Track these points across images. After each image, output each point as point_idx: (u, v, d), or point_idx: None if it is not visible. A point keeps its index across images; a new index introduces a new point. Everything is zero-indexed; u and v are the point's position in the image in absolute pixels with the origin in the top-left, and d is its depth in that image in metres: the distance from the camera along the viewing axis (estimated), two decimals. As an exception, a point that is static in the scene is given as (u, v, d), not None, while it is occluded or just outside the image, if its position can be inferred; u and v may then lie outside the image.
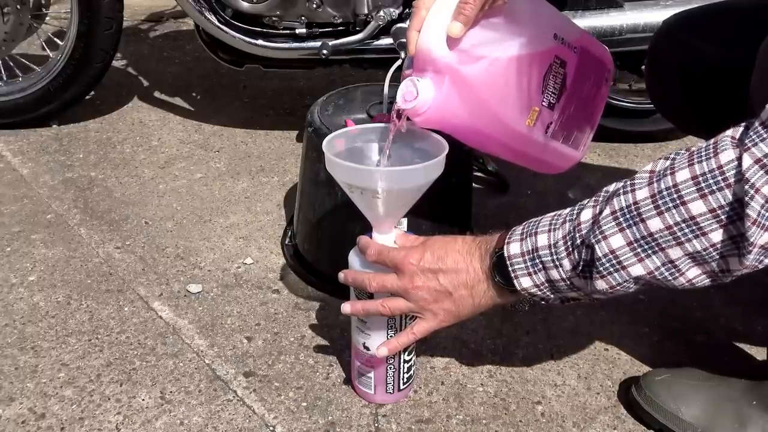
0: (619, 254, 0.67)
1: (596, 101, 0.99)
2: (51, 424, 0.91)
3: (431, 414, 0.94)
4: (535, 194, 1.49)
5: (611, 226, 0.67)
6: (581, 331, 1.10)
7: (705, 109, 1.03)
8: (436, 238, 0.84)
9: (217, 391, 0.97)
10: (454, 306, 0.81)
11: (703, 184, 0.62)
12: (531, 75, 0.85)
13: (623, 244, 0.67)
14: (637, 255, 0.67)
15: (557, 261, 0.73)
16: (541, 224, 0.75)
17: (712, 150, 0.64)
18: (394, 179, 0.81)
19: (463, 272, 0.80)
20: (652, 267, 0.67)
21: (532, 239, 0.75)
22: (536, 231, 0.75)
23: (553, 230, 0.74)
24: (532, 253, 0.75)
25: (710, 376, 0.92)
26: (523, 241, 0.75)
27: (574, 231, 0.71)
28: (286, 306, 1.14)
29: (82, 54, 1.61)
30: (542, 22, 0.89)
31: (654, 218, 0.64)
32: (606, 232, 0.67)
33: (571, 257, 0.72)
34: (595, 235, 0.68)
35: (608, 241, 0.67)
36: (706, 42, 1.00)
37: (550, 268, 0.74)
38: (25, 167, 1.55)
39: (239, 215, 1.39)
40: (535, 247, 0.74)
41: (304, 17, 1.51)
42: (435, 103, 0.81)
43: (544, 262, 0.74)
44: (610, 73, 1.00)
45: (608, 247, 0.67)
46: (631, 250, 0.67)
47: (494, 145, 0.92)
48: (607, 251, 0.68)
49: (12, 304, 1.13)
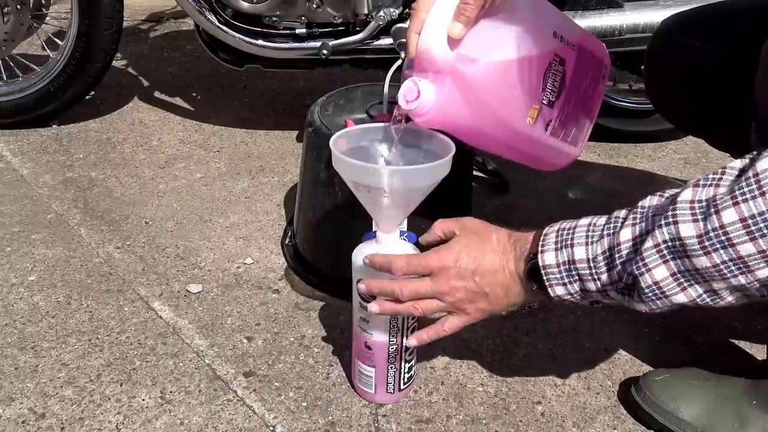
0: (662, 285, 0.67)
1: (594, 98, 0.99)
2: (51, 424, 0.91)
3: (431, 414, 0.94)
4: (535, 194, 1.49)
5: (655, 258, 0.67)
6: (581, 331, 1.10)
7: (703, 109, 1.03)
8: (469, 231, 0.83)
9: (217, 391, 0.97)
10: (489, 305, 0.81)
11: (753, 227, 0.61)
12: (531, 74, 0.85)
13: (667, 276, 0.67)
14: (680, 285, 0.67)
15: (595, 275, 0.73)
16: (576, 235, 0.74)
17: (756, 187, 0.61)
18: (401, 178, 0.81)
19: (499, 273, 0.79)
20: (694, 295, 0.67)
21: (568, 251, 0.74)
22: (572, 242, 0.74)
23: (590, 244, 0.73)
24: (569, 265, 0.74)
25: (710, 376, 0.92)
26: (558, 252, 0.75)
27: (613, 250, 0.71)
28: (286, 306, 1.14)
29: (82, 54, 1.61)
30: (542, 21, 0.89)
31: (700, 257, 0.64)
32: (649, 265, 0.67)
33: (610, 274, 0.71)
34: (638, 267, 0.68)
35: (652, 273, 0.67)
36: (705, 43, 1.00)
37: (587, 280, 0.73)
38: (25, 167, 1.56)
39: (239, 215, 1.39)
40: (572, 259, 0.74)
41: (304, 17, 1.51)
42: (436, 104, 0.81)
43: (581, 275, 0.74)
44: (607, 70, 1.01)
45: (652, 278, 0.67)
46: (674, 281, 0.67)
47: (495, 144, 0.92)
48: (651, 283, 0.67)
49: (12, 304, 1.13)
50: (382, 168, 0.85)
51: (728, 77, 0.96)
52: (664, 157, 1.68)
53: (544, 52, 0.87)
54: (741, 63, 0.88)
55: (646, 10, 1.47)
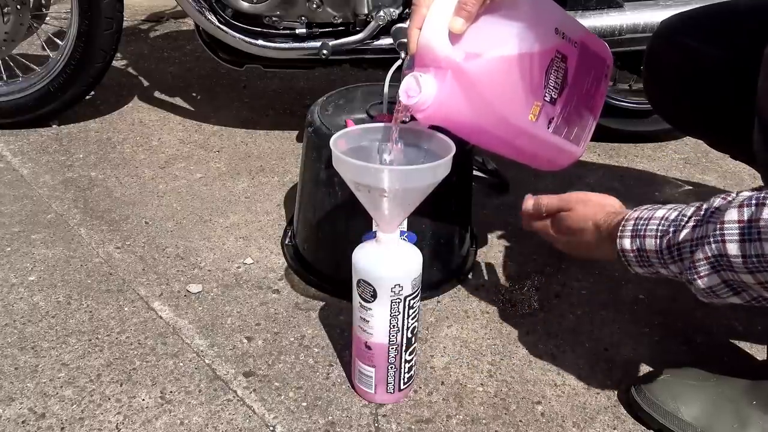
0: (716, 290, 0.73)
1: (596, 97, 0.99)
2: (51, 424, 0.91)
3: (431, 414, 0.94)
4: (535, 194, 1.48)
5: (706, 268, 0.72)
6: (581, 331, 1.10)
7: (702, 110, 1.03)
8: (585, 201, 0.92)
9: (217, 391, 0.97)
10: (585, 248, 0.91)
11: None
12: (533, 70, 0.85)
13: (719, 282, 0.72)
14: (733, 290, 0.72)
15: (664, 265, 0.78)
16: (649, 227, 0.79)
17: None
18: (402, 178, 0.81)
19: (592, 244, 0.89)
20: (748, 298, 0.73)
21: (641, 240, 0.79)
22: (645, 233, 0.79)
23: (659, 237, 0.77)
24: (641, 252, 0.79)
25: (710, 376, 0.92)
26: (633, 239, 0.80)
27: (673, 249, 0.76)
28: (286, 306, 1.14)
29: (82, 54, 1.61)
30: (544, 17, 0.89)
31: (745, 274, 0.69)
32: (701, 273, 0.72)
33: (677, 265, 0.76)
34: (691, 273, 0.73)
35: (704, 280, 0.72)
36: (704, 43, 1.00)
37: (658, 267, 0.79)
38: (25, 167, 1.56)
39: (239, 215, 1.39)
40: (644, 248, 0.79)
41: (304, 17, 1.51)
42: (437, 99, 0.81)
43: (652, 263, 0.79)
44: (609, 69, 1.01)
45: (704, 284, 0.73)
46: (726, 287, 0.72)
47: (497, 142, 0.92)
48: (704, 287, 0.73)
49: (12, 304, 1.13)
50: (382, 168, 0.85)
51: (728, 78, 0.96)
52: (664, 157, 1.68)
53: (546, 49, 0.87)
54: (741, 64, 0.88)
55: (646, 10, 1.47)
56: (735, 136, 0.97)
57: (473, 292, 1.18)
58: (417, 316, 0.91)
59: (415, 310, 0.90)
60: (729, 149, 1.13)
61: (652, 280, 1.22)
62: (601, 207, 0.89)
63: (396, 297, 0.86)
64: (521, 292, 1.19)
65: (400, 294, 0.86)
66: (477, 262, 1.25)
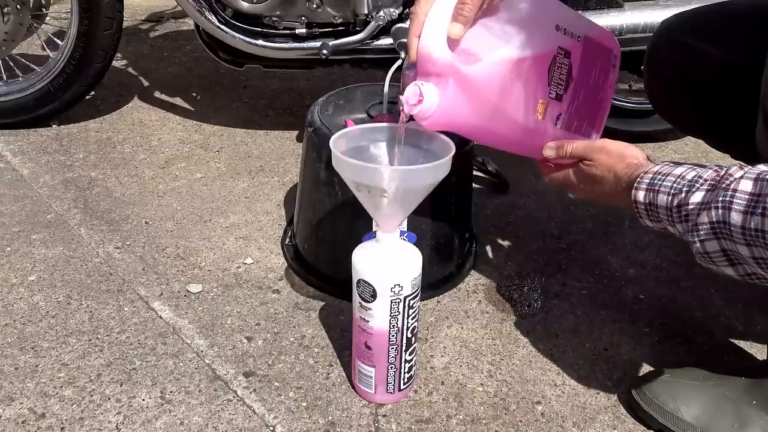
0: (713, 257, 0.73)
1: (605, 88, 0.99)
2: (51, 424, 0.91)
3: (431, 414, 0.94)
4: (535, 194, 1.49)
5: (708, 233, 0.72)
6: (581, 331, 1.10)
7: (703, 110, 1.03)
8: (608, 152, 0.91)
9: (217, 391, 0.97)
10: (604, 197, 0.90)
11: None
12: (534, 68, 0.85)
13: (717, 250, 0.72)
14: (729, 260, 0.72)
15: (672, 223, 0.78)
16: (665, 183, 0.79)
17: None
18: (401, 178, 0.81)
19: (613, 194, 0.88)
20: (742, 272, 0.73)
21: (653, 194, 0.79)
22: (659, 189, 0.79)
23: (672, 195, 0.77)
24: (652, 207, 0.80)
25: (710, 376, 0.92)
26: (647, 192, 0.80)
27: (681, 209, 0.76)
28: (286, 306, 1.14)
29: (82, 54, 1.61)
30: (542, 15, 0.89)
31: (743, 245, 0.69)
32: (702, 237, 0.73)
33: (684, 225, 0.76)
34: (692, 236, 0.74)
35: (704, 245, 0.73)
36: (705, 43, 1.00)
37: (666, 224, 0.79)
38: (25, 167, 1.56)
39: (239, 215, 1.39)
40: (655, 204, 0.79)
41: (304, 17, 1.51)
42: (441, 106, 0.81)
43: (661, 219, 0.79)
44: (617, 59, 1.00)
45: (704, 249, 0.73)
46: (723, 255, 0.72)
47: (506, 142, 0.92)
48: (702, 252, 0.73)
49: (12, 304, 1.13)
50: (382, 168, 0.85)
51: (728, 78, 0.96)
52: (663, 157, 1.68)
53: (547, 46, 0.87)
54: (741, 63, 0.88)
55: (646, 10, 1.47)
56: (735, 136, 0.97)
57: (473, 292, 1.18)
58: (417, 316, 0.91)
59: (415, 310, 0.90)
60: (729, 149, 1.13)
61: (652, 280, 1.22)
62: (622, 158, 0.88)
63: (396, 297, 0.86)
64: (521, 292, 1.19)
65: (400, 294, 0.86)
66: (477, 261, 1.26)
